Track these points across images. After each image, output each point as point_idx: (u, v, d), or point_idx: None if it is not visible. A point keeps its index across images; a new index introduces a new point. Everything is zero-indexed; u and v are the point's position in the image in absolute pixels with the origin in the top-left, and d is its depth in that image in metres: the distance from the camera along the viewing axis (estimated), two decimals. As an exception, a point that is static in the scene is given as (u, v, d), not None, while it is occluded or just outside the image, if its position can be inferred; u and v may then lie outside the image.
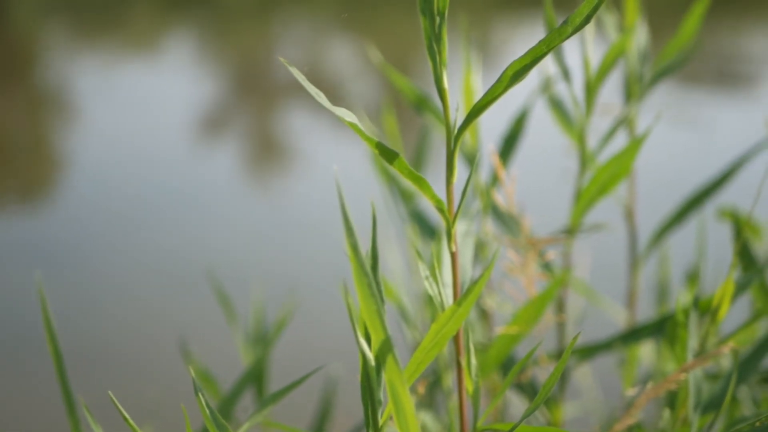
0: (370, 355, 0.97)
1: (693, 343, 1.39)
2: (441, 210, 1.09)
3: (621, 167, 1.56)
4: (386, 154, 1.04)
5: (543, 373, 1.79)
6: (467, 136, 1.72)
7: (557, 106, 1.73)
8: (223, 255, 3.89)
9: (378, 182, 1.90)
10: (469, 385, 1.14)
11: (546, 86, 1.77)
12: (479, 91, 1.72)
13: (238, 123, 5.94)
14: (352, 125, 1.01)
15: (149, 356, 3.08)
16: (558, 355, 1.74)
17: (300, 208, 4.44)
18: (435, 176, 1.49)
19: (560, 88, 1.78)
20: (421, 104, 1.74)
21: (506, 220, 1.71)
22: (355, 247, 0.91)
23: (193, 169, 5.06)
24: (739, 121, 5.38)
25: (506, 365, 1.70)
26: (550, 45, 1.03)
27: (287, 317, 1.84)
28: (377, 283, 1.01)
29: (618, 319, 2.16)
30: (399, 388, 0.94)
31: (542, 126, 2.15)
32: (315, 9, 9.45)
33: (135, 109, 6.06)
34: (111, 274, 3.74)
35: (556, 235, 1.66)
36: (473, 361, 1.14)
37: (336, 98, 5.90)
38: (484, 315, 1.75)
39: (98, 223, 4.29)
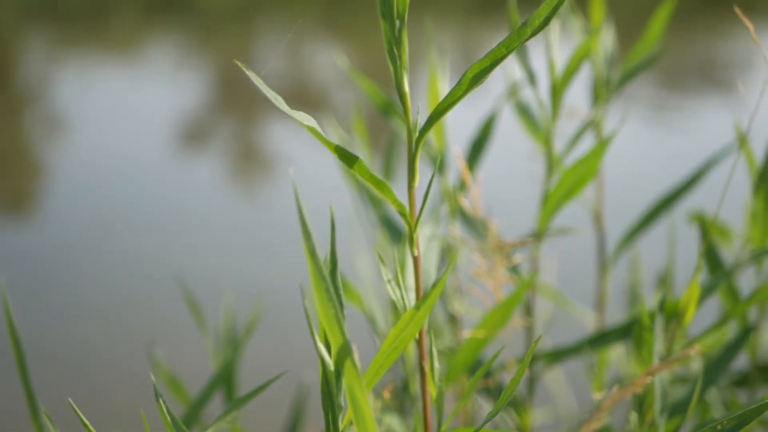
0: (329, 360, 0.96)
1: (659, 346, 1.39)
2: (403, 214, 1.09)
3: (587, 170, 1.56)
4: (347, 158, 1.03)
5: (511, 377, 1.78)
6: (433, 140, 1.72)
7: (524, 110, 1.72)
8: (203, 261, 3.88)
9: (348, 187, 1.89)
10: (432, 390, 1.14)
11: (513, 90, 1.77)
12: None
13: (220, 129, 5.93)
14: (311, 129, 1.01)
15: (124, 361, 3.07)
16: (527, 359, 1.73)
17: (282, 214, 4.43)
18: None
19: (528, 92, 1.78)
20: (387, 108, 1.74)
21: (474, 224, 1.71)
22: (312, 252, 0.90)
23: (175, 175, 5.05)
24: (718, 124, 5.40)
25: (475, 369, 1.69)
26: (509, 47, 1.03)
27: (256, 320, 1.83)
28: (336, 288, 1.00)
29: (587, 322, 2.16)
30: (358, 393, 0.93)
31: (514, 130, 2.16)
32: (296, 14, 9.45)
33: (117, 115, 6.05)
34: (89, 279, 3.72)
35: (524, 238, 1.66)
36: (436, 365, 1.13)
37: (317, 103, 5.90)
38: (453, 319, 1.75)
39: (78, 229, 4.27)
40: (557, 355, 1.70)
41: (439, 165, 1.71)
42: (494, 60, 1.04)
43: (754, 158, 1.88)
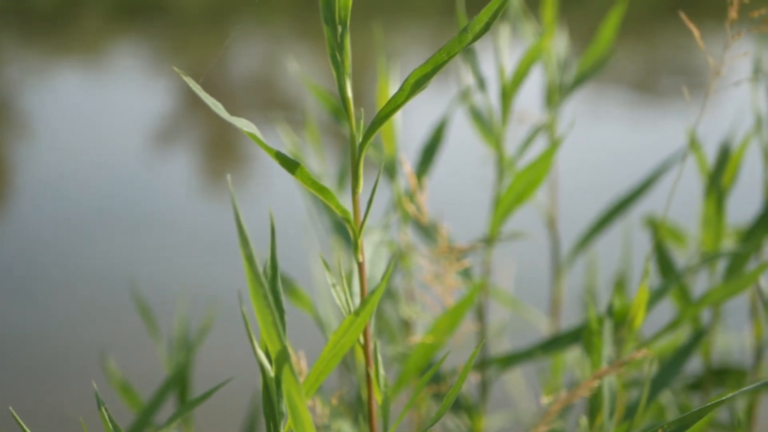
0: (269, 367, 0.96)
1: (608, 350, 1.39)
2: (347, 220, 1.09)
3: (536, 175, 1.56)
4: (287, 164, 1.03)
5: (465, 383, 1.78)
6: (384, 145, 1.72)
7: (476, 115, 1.72)
8: (167, 265, 3.86)
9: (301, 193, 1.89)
10: (378, 396, 1.14)
11: (465, 95, 1.77)
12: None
13: (191, 132, 5.90)
14: (251, 135, 1.00)
15: (78, 366, 3.05)
16: (480, 365, 1.74)
17: (253, 217, 4.41)
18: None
19: (481, 97, 1.78)
20: (338, 114, 1.73)
21: (426, 230, 1.71)
22: (249, 258, 0.90)
23: (143, 179, 5.03)
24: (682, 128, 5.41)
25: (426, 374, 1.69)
26: (450, 53, 1.03)
27: (209, 324, 1.82)
28: (276, 294, 1.00)
29: (543, 327, 2.16)
30: (297, 400, 0.93)
31: (470, 134, 2.16)
32: (268, 16, 9.43)
33: (85, 119, 6.01)
34: (50, 284, 3.70)
35: (474, 243, 1.66)
36: (381, 371, 1.13)
37: (290, 105, 5.88)
38: (405, 325, 1.75)
39: (41, 233, 4.25)
40: (509, 360, 1.70)
41: (390, 170, 1.71)
42: (435, 65, 1.04)
43: (705, 163, 1.89)
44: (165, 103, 6.39)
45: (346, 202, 1.09)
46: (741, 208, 2.31)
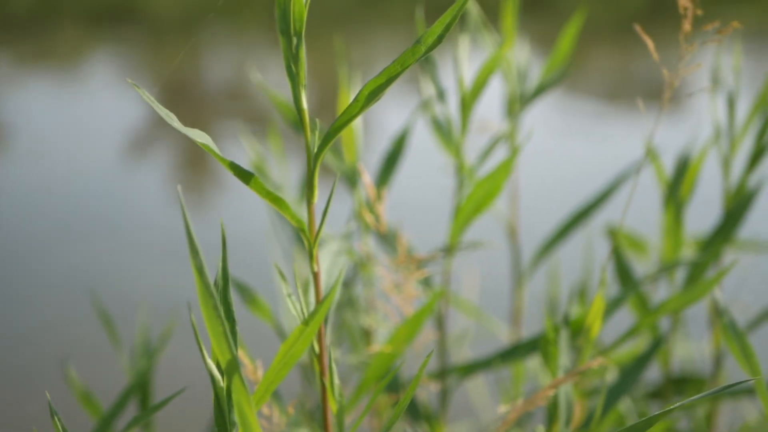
0: (219, 377, 0.96)
1: (565, 359, 1.40)
2: (302, 230, 1.09)
3: (494, 185, 1.57)
4: (242, 174, 1.04)
5: (424, 392, 1.79)
6: (345, 155, 1.72)
7: (437, 124, 1.73)
8: (135, 273, 3.85)
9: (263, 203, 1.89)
10: (333, 405, 1.14)
11: (426, 105, 1.78)
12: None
13: (165, 140, 5.89)
14: (205, 146, 1.01)
15: (39, 377, 3.04)
16: (440, 373, 1.74)
17: (229, 227, 4.39)
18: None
19: (445, 106, 1.79)
20: (297, 125, 1.74)
21: (387, 239, 1.72)
22: (199, 269, 0.90)
23: (115, 187, 5.01)
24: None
25: (388, 384, 1.70)
26: (404, 64, 1.04)
27: (170, 331, 1.82)
28: (227, 304, 1.00)
29: (503, 336, 2.17)
30: (246, 410, 0.94)
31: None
32: (244, 24, 9.41)
33: (59, 127, 5.99)
34: (10, 293, 3.69)
35: (435, 252, 1.67)
36: (336, 381, 1.14)
37: (265, 115, 5.87)
38: (366, 334, 1.75)
39: (6, 244, 4.23)
40: (469, 369, 1.71)
41: (351, 180, 1.72)
42: (389, 77, 1.05)
43: (663, 173, 1.91)
44: (139, 112, 6.38)
45: (304, 212, 1.10)
46: (703, 218, 2.33)
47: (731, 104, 1.92)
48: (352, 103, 1.05)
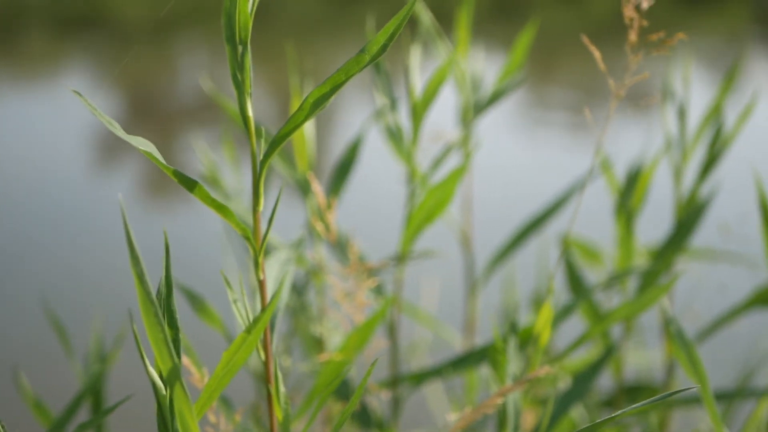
0: (161, 384, 0.96)
1: (513, 368, 1.41)
2: (247, 238, 1.09)
3: (445, 193, 1.57)
4: (185, 182, 1.04)
5: (377, 400, 1.79)
6: (297, 163, 1.72)
7: (391, 133, 1.73)
8: (91, 280, 3.84)
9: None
10: (278, 413, 1.15)
11: (379, 114, 1.78)
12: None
13: (133, 148, 5.82)
14: (148, 154, 1.01)
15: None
16: (391, 382, 1.75)
17: (197, 231, 4.38)
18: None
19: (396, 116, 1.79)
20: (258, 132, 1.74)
21: (339, 247, 1.72)
22: (140, 276, 0.90)
23: (88, 195, 4.99)
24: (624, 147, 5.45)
25: (340, 392, 1.70)
26: (348, 73, 1.04)
27: (122, 336, 1.82)
28: (171, 312, 1.00)
29: (458, 344, 2.18)
30: (188, 419, 0.94)
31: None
32: (215, 31, 9.37)
33: (29, 136, 5.95)
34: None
35: (386, 261, 1.67)
36: (282, 388, 1.14)
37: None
38: (319, 342, 1.75)
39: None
40: (420, 378, 1.71)
41: (304, 188, 1.72)
42: (334, 86, 1.05)
43: (615, 183, 1.92)
44: (112, 118, 6.34)
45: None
46: (659, 227, 2.34)
47: (682, 114, 1.93)
48: (297, 111, 1.05)
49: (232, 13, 1.06)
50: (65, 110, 6.63)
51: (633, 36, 1.31)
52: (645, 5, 1.30)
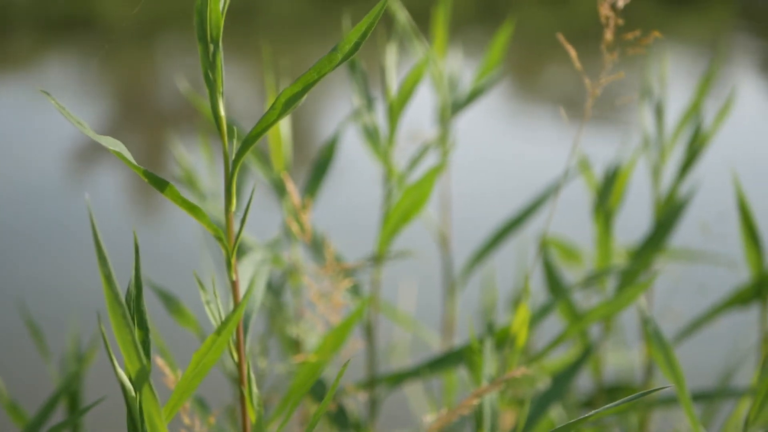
0: (130, 386, 0.95)
1: (490, 369, 1.40)
2: (219, 239, 1.09)
3: (422, 193, 1.57)
4: (156, 182, 1.03)
5: (353, 401, 1.79)
6: (273, 162, 1.72)
7: (368, 133, 1.73)
8: (85, 285, 3.83)
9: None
10: (251, 415, 1.14)
11: (357, 114, 1.77)
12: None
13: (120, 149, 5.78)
14: (117, 153, 1.00)
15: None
16: (368, 383, 1.74)
17: (177, 237, 4.37)
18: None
19: (372, 115, 1.78)
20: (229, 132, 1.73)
21: (316, 248, 1.71)
22: (108, 277, 0.89)
23: (64, 198, 4.96)
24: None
25: (317, 393, 1.69)
26: (320, 72, 1.04)
27: (99, 337, 1.81)
28: (140, 313, 0.99)
29: (436, 345, 2.17)
30: (157, 421, 0.93)
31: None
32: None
33: (11, 136, 5.92)
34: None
35: (363, 261, 1.66)
36: (255, 390, 1.13)
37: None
38: (296, 343, 1.74)
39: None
40: (397, 379, 1.71)
41: (280, 188, 1.71)
42: (306, 85, 1.04)
43: (594, 182, 1.91)
44: (93, 121, 6.33)
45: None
46: (639, 227, 2.34)
47: (659, 113, 1.93)
48: (269, 111, 1.04)
49: (204, 12, 1.05)
50: (48, 112, 6.61)
51: (608, 35, 1.30)
52: (621, 4, 1.30)
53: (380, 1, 1.01)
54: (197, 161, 1.88)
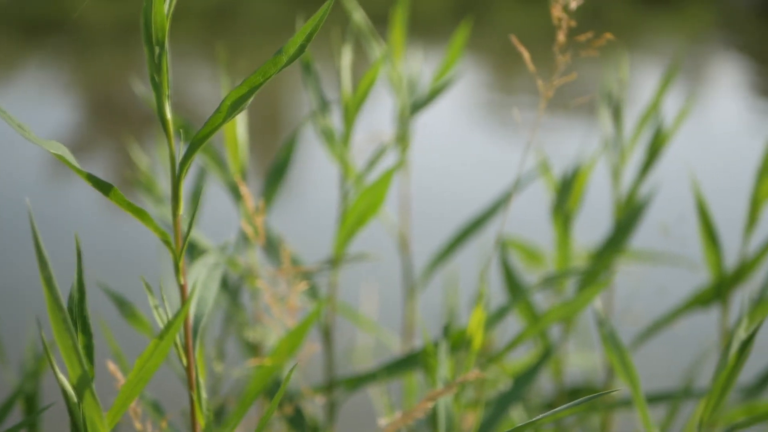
0: (71, 392, 0.94)
1: (444, 371, 1.40)
2: (167, 242, 1.08)
3: (377, 195, 1.56)
4: (99, 185, 1.02)
5: (311, 405, 1.78)
6: (231, 164, 1.71)
7: (325, 134, 1.72)
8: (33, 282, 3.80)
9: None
10: (200, 420, 1.13)
11: (315, 116, 1.76)
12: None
13: (97, 153, 5.77)
14: (59, 156, 0.99)
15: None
16: (326, 386, 1.73)
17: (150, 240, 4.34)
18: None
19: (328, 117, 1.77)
20: (188, 133, 1.72)
21: (271, 251, 1.70)
22: (48, 281, 0.89)
23: (46, 203, 4.93)
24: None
25: (273, 395, 1.68)
26: (265, 75, 1.03)
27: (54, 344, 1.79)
28: (84, 318, 0.99)
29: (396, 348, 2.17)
30: (98, 426, 0.92)
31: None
32: (176, 34, 9.32)
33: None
34: None
35: (320, 264, 1.66)
36: (204, 395, 1.12)
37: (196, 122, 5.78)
38: (254, 347, 1.74)
39: None
40: (355, 382, 1.70)
41: (236, 191, 1.70)
42: (251, 87, 1.04)
43: (554, 184, 1.91)
44: (70, 123, 6.30)
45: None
46: (600, 229, 2.34)
47: (618, 114, 1.93)
48: (215, 114, 1.04)
49: (149, 14, 1.04)
50: (23, 116, 6.56)
51: (561, 36, 1.30)
52: (573, 5, 1.30)
53: (325, 3, 1.01)
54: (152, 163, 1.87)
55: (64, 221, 4.63)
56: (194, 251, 1.76)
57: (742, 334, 1.26)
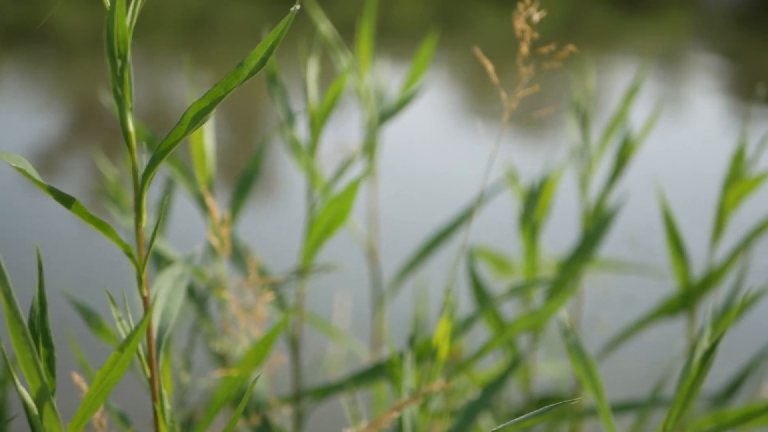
0: (32, 404, 0.94)
1: (409, 382, 1.40)
2: (129, 255, 1.08)
3: (343, 205, 1.56)
4: (61, 198, 1.02)
5: (279, 415, 1.78)
6: (198, 175, 1.71)
7: (292, 145, 1.72)
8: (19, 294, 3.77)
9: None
10: (164, 431, 1.13)
11: (282, 127, 1.77)
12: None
13: (76, 162, 5.75)
14: (20, 169, 0.99)
15: None
16: (293, 397, 1.73)
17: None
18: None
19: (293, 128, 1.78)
20: (152, 145, 1.72)
21: (238, 261, 1.71)
22: (7, 294, 0.89)
23: (23, 211, 4.91)
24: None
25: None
26: (227, 87, 1.03)
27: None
28: (45, 331, 0.99)
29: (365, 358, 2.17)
30: (58, 438, 0.92)
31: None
32: (154, 43, 9.30)
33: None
34: None
35: (286, 274, 1.66)
36: (167, 406, 1.12)
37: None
38: (222, 358, 1.73)
39: None
40: (322, 392, 1.70)
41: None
42: (213, 100, 1.04)
43: (522, 194, 1.92)
44: (48, 132, 6.27)
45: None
46: (568, 239, 2.35)
47: (585, 124, 1.94)
48: (177, 126, 1.04)
49: (111, 27, 1.04)
50: (3, 122, 6.55)
51: (524, 48, 1.31)
52: (536, 18, 1.31)
53: (285, 18, 1.01)
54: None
55: (39, 233, 4.61)
56: (161, 262, 1.76)
57: (705, 344, 1.27)
